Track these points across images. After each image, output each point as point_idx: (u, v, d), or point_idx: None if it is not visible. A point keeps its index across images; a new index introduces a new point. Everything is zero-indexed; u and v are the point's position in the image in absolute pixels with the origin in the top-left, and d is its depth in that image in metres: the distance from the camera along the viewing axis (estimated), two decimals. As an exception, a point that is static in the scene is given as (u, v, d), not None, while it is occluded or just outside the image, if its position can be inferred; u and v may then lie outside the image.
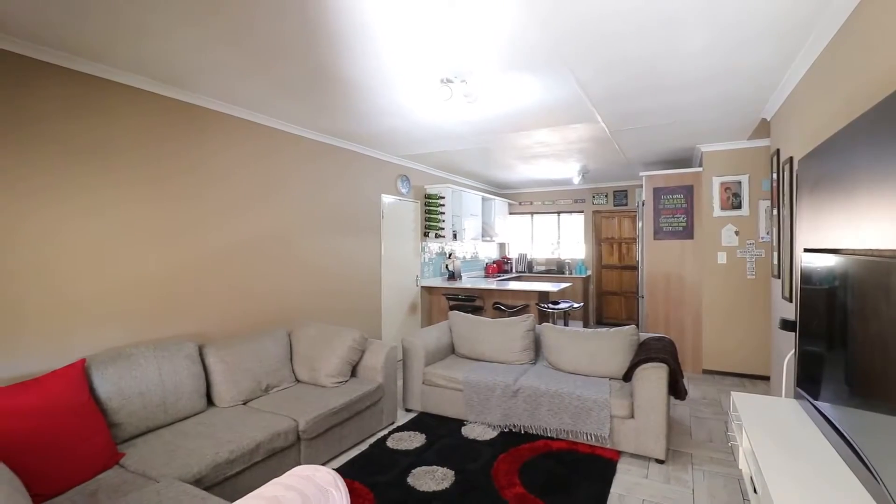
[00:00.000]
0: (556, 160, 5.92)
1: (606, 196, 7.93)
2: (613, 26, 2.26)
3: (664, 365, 3.00)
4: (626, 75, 2.92)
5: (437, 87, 3.04)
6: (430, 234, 6.41)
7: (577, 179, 6.89)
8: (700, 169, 5.11)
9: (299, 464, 2.73)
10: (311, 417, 2.78)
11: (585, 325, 7.43)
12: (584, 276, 7.47)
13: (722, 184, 4.91)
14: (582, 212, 8.14)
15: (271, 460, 2.54)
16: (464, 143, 4.81)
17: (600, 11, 2.11)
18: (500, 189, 8.68)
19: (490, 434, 3.38)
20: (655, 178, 5.38)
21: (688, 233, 5.22)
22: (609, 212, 7.98)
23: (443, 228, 6.38)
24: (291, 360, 3.50)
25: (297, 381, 3.43)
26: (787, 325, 2.60)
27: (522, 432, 3.38)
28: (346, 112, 3.67)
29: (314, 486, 1.42)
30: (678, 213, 5.28)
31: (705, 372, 5.03)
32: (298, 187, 4.21)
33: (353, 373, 3.57)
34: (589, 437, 3.15)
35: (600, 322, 7.93)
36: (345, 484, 1.50)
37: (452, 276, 6.77)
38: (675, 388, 3.08)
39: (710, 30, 2.31)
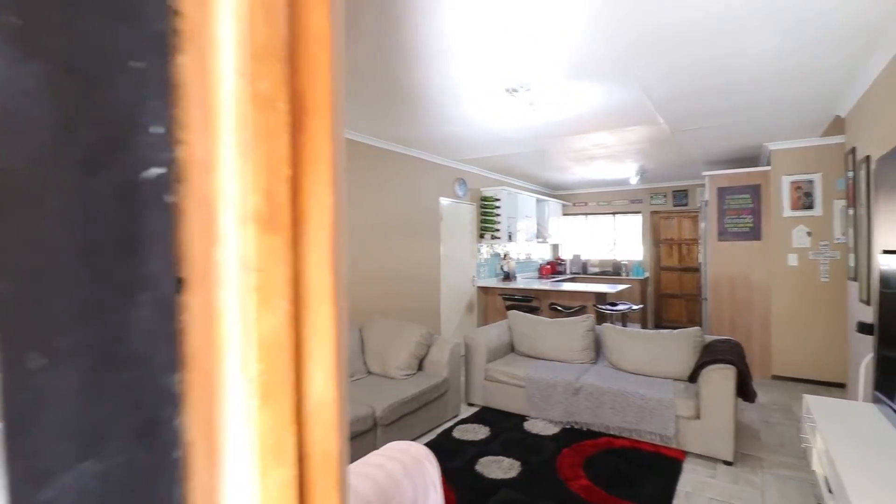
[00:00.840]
0: (613, 161, 5.90)
1: (665, 196, 7.76)
2: (681, 34, 2.32)
3: (731, 366, 2.99)
4: (691, 78, 2.95)
5: (502, 97, 3.20)
6: (485, 236, 6.56)
7: (634, 180, 6.81)
8: (768, 168, 4.95)
9: (376, 447, 2.96)
10: (387, 405, 3.01)
11: (644, 328, 7.31)
12: (641, 277, 7.35)
13: (792, 183, 4.74)
14: (639, 212, 8.01)
15: (352, 442, 2.79)
16: (521, 146, 4.93)
17: (669, 21, 2.19)
18: (553, 190, 8.69)
19: (552, 429, 3.48)
20: (719, 178, 5.25)
21: (755, 234, 5.06)
22: (668, 212, 7.80)
23: (498, 230, 6.52)
24: (363, 353, 3.76)
25: (369, 372, 3.69)
26: (864, 328, 2.55)
27: (585, 429, 3.46)
28: (414, 122, 3.90)
29: (410, 458, 1.61)
30: (744, 213, 5.13)
31: (774, 378, 4.86)
32: (364, 192, 4.50)
33: (420, 367, 3.78)
34: (653, 437, 3.18)
35: (659, 325, 7.76)
36: (435, 458, 1.68)
37: (507, 276, 6.88)
38: (744, 391, 3.06)
39: (779, 34, 2.33)
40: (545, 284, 6.32)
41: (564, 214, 8.73)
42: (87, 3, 0.21)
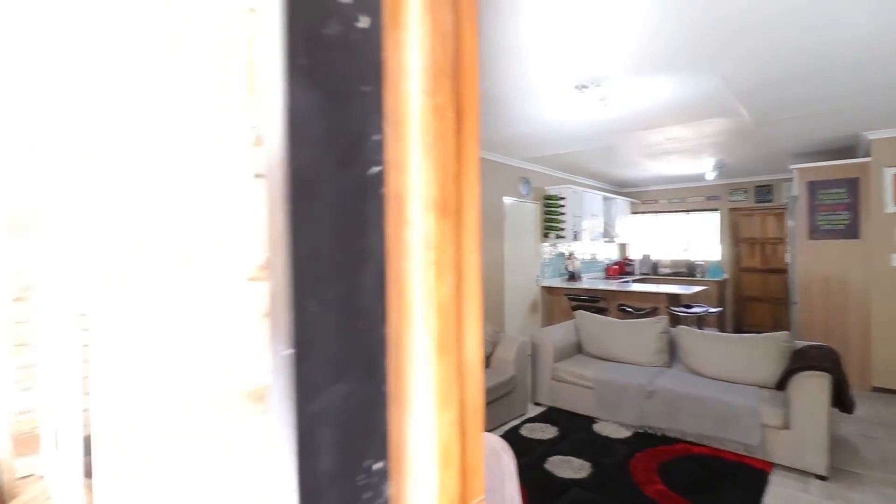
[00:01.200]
0: (688, 155, 5.63)
1: (746, 192, 7.26)
2: (767, 18, 2.20)
3: (826, 374, 2.78)
4: (778, 66, 2.77)
5: (571, 94, 3.17)
6: (549, 235, 6.49)
7: (711, 175, 6.44)
8: (867, 159, 4.51)
9: (446, 441, 3.05)
10: (456, 400, 3.09)
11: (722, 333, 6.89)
12: (719, 279, 6.94)
13: (898, 175, 4.28)
14: (716, 210, 7.55)
15: (424, 434, 2.89)
16: (590, 143, 4.84)
17: (753, 4, 2.09)
18: (621, 188, 8.41)
19: (624, 433, 3.40)
20: (810, 171, 4.85)
21: (851, 232, 4.63)
22: (749, 209, 7.29)
23: (563, 229, 6.42)
24: (432, 349, 3.87)
25: (438, 368, 3.79)
26: None
27: (659, 434, 3.34)
28: (483, 123, 3.95)
29: (486, 447, 1.66)
30: (839, 209, 4.70)
31: (875, 389, 4.41)
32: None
33: (487, 364, 3.83)
34: (736, 446, 3.02)
35: (740, 330, 7.28)
36: (511, 450, 1.72)
37: (573, 276, 6.76)
38: (841, 401, 2.83)
39: (880, 11, 2.14)
40: (612, 285, 6.15)
41: (633, 213, 8.42)
42: (339, 43, 0.28)
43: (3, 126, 2.21)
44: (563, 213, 6.44)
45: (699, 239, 7.83)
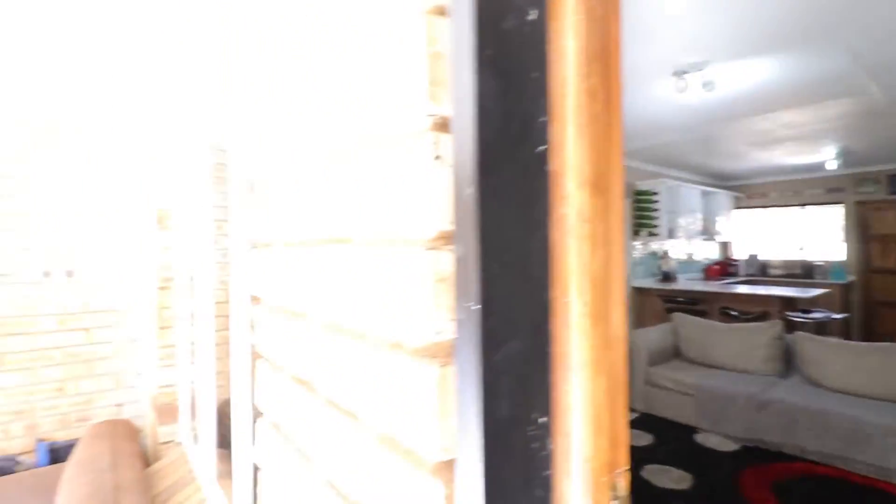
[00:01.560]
0: (804, 143, 5.05)
1: (878, 182, 6.35)
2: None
3: None
4: (925, 33, 2.41)
5: (669, 80, 3.00)
6: (641, 233, 6.15)
7: (832, 164, 5.73)
8: None
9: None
10: (546, 399, 3.06)
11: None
12: (843, 281, 6.14)
13: None
14: (840, 203, 6.68)
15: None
16: (687, 132, 4.53)
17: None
18: (722, 181, 7.74)
19: (730, 446, 3.14)
20: (965, 155, 4.13)
21: None
22: (882, 202, 6.36)
23: (657, 226, 6.06)
24: (519, 347, 3.86)
25: (525, 367, 3.77)
26: None
27: (775, 451, 3.05)
28: (568, 117, 3.87)
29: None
30: None
31: None
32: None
33: (576, 365, 3.73)
34: (868, 468, 2.67)
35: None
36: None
37: (667, 276, 6.35)
38: None
39: None
40: (713, 286, 5.69)
41: (737, 208, 7.71)
42: (514, 35, 0.31)
43: (175, 123, 2.58)
44: (656, 210, 6.08)
45: (818, 236, 6.98)
